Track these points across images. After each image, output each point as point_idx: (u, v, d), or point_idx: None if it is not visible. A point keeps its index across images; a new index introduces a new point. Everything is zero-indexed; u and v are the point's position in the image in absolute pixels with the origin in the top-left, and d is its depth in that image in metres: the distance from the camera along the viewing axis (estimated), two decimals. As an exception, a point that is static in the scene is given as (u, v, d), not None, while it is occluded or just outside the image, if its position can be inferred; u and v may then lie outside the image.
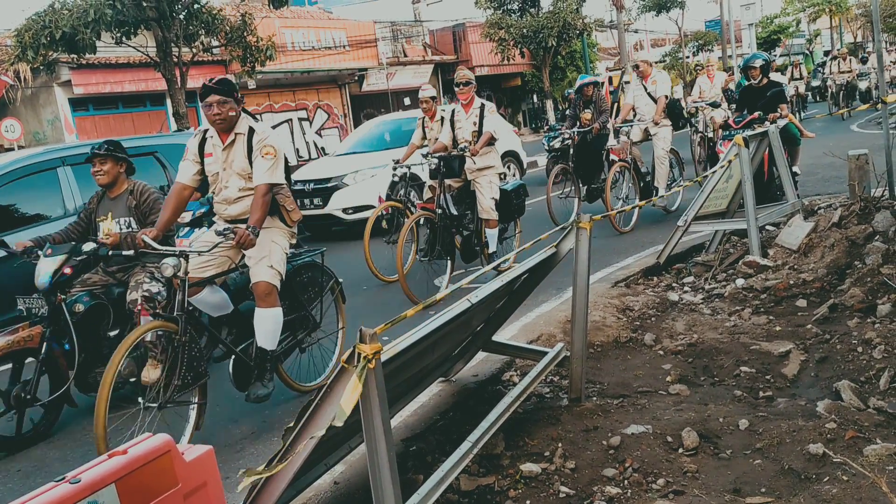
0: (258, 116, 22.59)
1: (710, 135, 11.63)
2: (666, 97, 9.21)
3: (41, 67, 15.93)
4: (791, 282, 5.71)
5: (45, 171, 6.82)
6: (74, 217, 5.39)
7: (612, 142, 9.56)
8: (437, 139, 7.63)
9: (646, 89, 9.39)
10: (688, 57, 36.47)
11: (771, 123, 7.27)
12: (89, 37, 13.53)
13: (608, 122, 9.50)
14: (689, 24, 37.83)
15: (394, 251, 7.89)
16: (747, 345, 4.71)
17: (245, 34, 15.85)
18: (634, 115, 9.65)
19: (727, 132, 8.33)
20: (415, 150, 8.35)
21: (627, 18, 32.60)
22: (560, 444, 3.57)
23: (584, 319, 3.97)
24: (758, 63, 8.13)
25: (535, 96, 34.98)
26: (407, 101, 28.69)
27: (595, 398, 4.12)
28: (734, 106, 13.17)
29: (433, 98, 8.41)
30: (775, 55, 34.72)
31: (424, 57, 30.29)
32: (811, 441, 3.27)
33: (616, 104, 16.01)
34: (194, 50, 16.13)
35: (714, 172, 6.66)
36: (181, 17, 15.07)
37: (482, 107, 7.17)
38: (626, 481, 3.22)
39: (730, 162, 6.64)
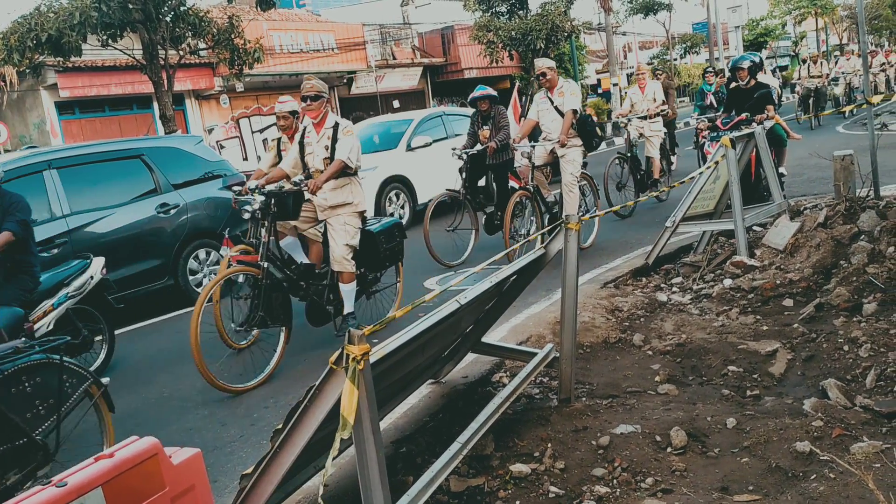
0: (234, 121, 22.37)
1: (637, 153, 10.51)
2: (575, 112, 7.66)
3: (27, 70, 15.84)
4: (778, 282, 5.74)
5: (32, 175, 6.78)
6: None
7: (521, 162, 8.26)
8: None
9: (552, 102, 7.84)
10: (675, 59, 36.62)
11: (758, 125, 7.31)
12: (75, 39, 13.45)
13: (510, 141, 8.04)
14: (676, 26, 38.02)
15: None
16: (735, 344, 4.73)
17: (232, 36, 15.78)
18: (539, 134, 8.31)
19: (714, 133, 8.37)
20: (282, 177, 5.89)
21: (615, 21, 32.71)
22: (549, 445, 3.57)
23: (574, 320, 3.98)
24: (745, 64, 8.17)
25: (523, 98, 35.00)
26: (396, 103, 28.70)
27: (584, 398, 4.12)
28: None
29: (293, 113, 6.55)
30: (761, 57, 34.82)
31: (413, 60, 30.30)
32: (798, 439, 3.28)
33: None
34: (181, 52, 16.05)
35: (701, 173, 6.69)
36: (168, 19, 15.00)
37: (335, 126, 5.71)
38: (615, 481, 3.23)
39: (717, 163, 6.67)
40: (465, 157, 8.10)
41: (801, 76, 21.03)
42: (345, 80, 27.43)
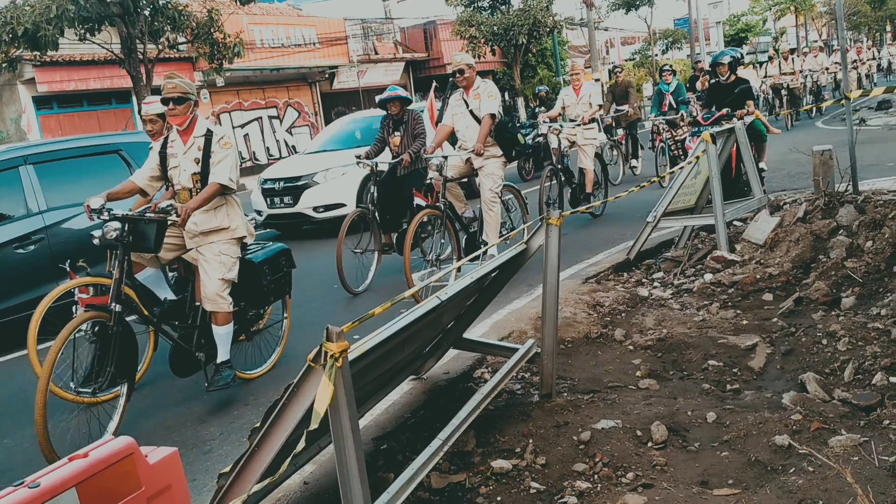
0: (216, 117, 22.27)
1: (569, 164, 9.56)
2: (493, 117, 6.62)
3: (3, 65, 15.63)
4: (757, 276, 5.77)
5: (7, 171, 6.69)
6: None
7: (434, 176, 6.86)
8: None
9: (467, 105, 6.86)
10: (657, 55, 36.78)
11: (738, 120, 7.34)
12: (52, 33, 13.30)
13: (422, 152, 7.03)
14: (658, 22, 38.16)
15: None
16: (715, 339, 4.75)
17: (212, 31, 15.68)
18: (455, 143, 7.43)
19: (696, 129, 8.40)
20: (131, 191, 4.95)
21: (597, 16, 32.78)
22: (531, 441, 3.57)
23: (555, 316, 3.98)
24: (725, 60, 8.21)
25: (506, 94, 35.04)
26: (378, 98, 28.56)
27: (566, 394, 4.13)
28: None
29: (163, 116, 5.59)
30: (742, 53, 34.98)
31: (395, 55, 30.22)
32: (777, 433, 3.30)
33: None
34: (160, 46, 15.92)
35: (682, 168, 6.72)
36: (146, 13, 14.88)
37: (208, 136, 4.64)
38: (596, 476, 3.23)
39: (697, 158, 6.70)
40: (374, 168, 7.14)
41: (770, 74, 20.31)
42: (326, 75, 27.33)
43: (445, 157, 6.64)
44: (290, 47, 25.23)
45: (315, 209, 10.60)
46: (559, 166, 9.05)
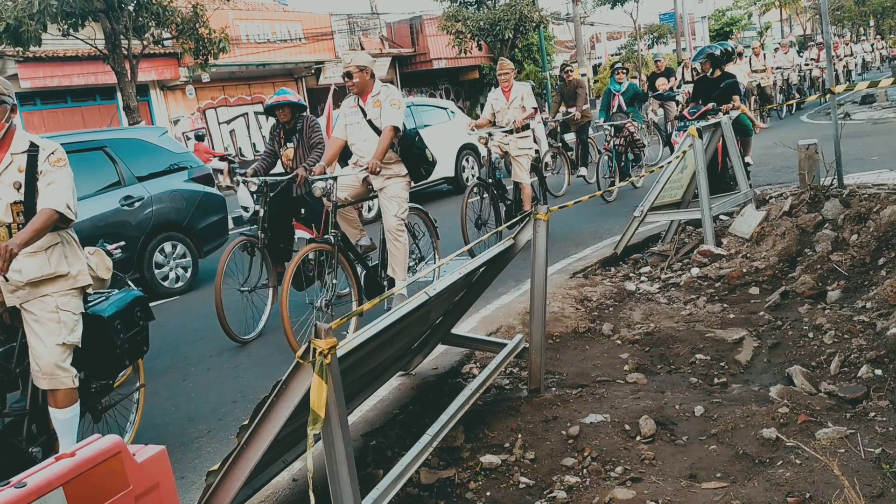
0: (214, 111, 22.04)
1: (502, 177, 8.32)
2: (396, 130, 5.45)
3: (-15, 61, 15.49)
4: (744, 270, 5.80)
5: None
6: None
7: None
8: None
9: (364, 114, 5.62)
10: (643, 50, 36.88)
11: (724, 115, 7.37)
12: (34, 29, 13.18)
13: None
14: (643, 17, 38.28)
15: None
16: (702, 332, 4.77)
17: (197, 26, 15.59)
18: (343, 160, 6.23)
19: (682, 123, 8.43)
20: None
21: (583, 11, 32.83)
22: (520, 435, 3.58)
23: (543, 310, 3.98)
24: (716, 52, 8.24)
25: (493, 89, 35.00)
26: (364, 94, 28.46)
27: (554, 389, 4.14)
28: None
29: None
30: (733, 47, 34.98)
31: (382, 50, 30.11)
32: (765, 426, 3.32)
33: None
34: (144, 42, 15.80)
35: (669, 163, 6.74)
36: (130, 8, 14.76)
37: (32, 152, 3.47)
38: (584, 470, 3.24)
39: (684, 153, 6.72)
40: (263, 187, 5.86)
41: (742, 72, 19.53)
42: (312, 71, 27.22)
43: (334, 178, 5.40)
44: (275, 43, 25.11)
45: (302, 205, 10.53)
46: (490, 180, 7.85)
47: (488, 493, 3.21)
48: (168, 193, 7.80)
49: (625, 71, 11.60)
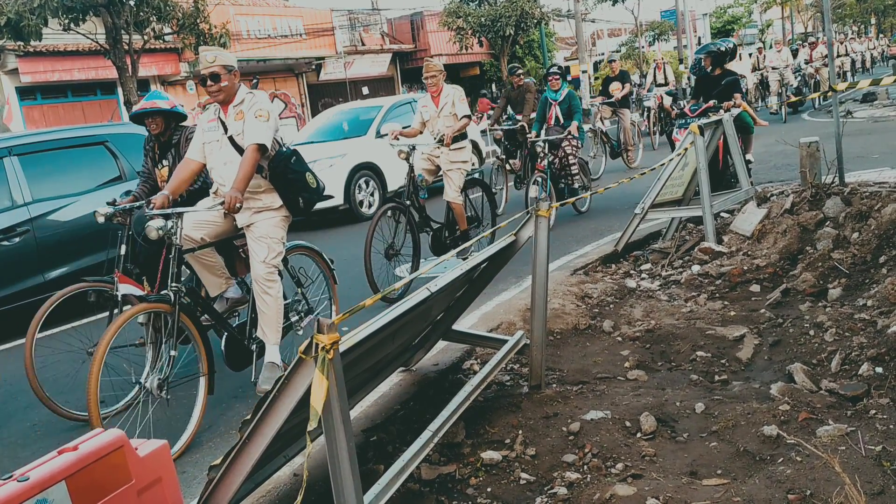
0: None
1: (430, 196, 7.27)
2: (261, 148, 4.20)
3: (-14, 55, 15.47)
4: (745, 267, 5.80)
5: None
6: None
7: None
8: None
9: (225, 129, 4.38)
10: (644, 47, 36.84)
11: (725, 112, 7.37)
12: (35, 23, 13.15)
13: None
14: (644, 13, 38.20)
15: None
16: (703, 330, 4.77)
17: (198, 21, 15.55)
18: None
19: (683, 120, 8.42)
20: None
21: (584, 8, 32.78)
22: (520, 432, 3.58)
23: (544, 307, 3.98)
24: (706, 51, 8.25)
25: (493, 85, 35.02)
26: (365, 90, 28.52)
27: (555, 385, 4.14)
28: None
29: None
30: (734, 44, 34.78)
31: (382, 46, 30.09)
32: (765, 423, 3.32)
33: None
34: (145, 37, 15.77)
35: (671, 160, 6.74)
36: (131, 2, 14.73)
37: None
38: (585, 466, 3.25)
39: (685, 150, 6.72)
40: (119, 217, 4.57)
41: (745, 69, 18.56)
42: (313, 67, 27.20)
43: (178, 215, 4.12)
44: (276, 38, 25.08)
45: (302, 201, 10.51)
46: (408, 202, 6.50)
47: (489, 489, 3.21)
48: (169, 188, 7.78)
49: (560, 76, 9.64)
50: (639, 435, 3.45)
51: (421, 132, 7.20)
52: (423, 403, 4.16)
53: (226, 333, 4.46)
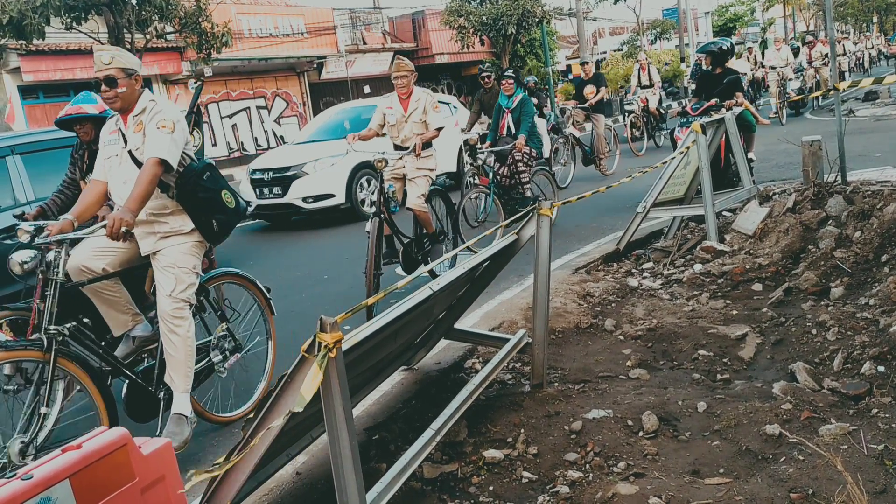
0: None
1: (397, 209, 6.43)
2: (162, 164, 3.62)
3: (-12, 54, 15.50)
4: (747, 266, 5.80)
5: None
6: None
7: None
8: None
9: (125, 142, 3.80)
10: (645, 45, 36.84)
11: (727, 111, 7.36)
12: (37, 22, 13.17)
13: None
14: (646, 12, 38.21)
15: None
16: (705, 329, 4.77)
17: (200, 20, 15.57)
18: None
19: (685, 119, 8.42)
20: None
21: (586, 6, 32.77)
22: (522, 430, 3.59)
23: (546, 306, 3.98)
24: (705, 51, 8.25)
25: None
26: (367, 89, 28.53)
27: (557, 384, 4.14)
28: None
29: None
30: (731, 43, 34.72)
31: (384, 45, 30.08)
32: (768, 422, 3.32)
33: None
34: (148, 36, 15.79)
35: (672, 159, 6.74)
36: (133, 1, 14.75)
37: None
38: (587, 465, 3.25)
39: (688, 149, 6.71)
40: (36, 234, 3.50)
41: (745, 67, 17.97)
42: (315, 66, 27.21)
43: (60, 243, 3.46)
44: (278, 37, 25.08)
45: (304, 199, 10.57)
46: (382, 216, 6.05)
47: (491, 488, 3.22)
48: (171, 187, 7.78)
49: (513, 79, 8.44)
50: (641, 434, 3.45)
51: (378, 135, 6.70)
52: (426, 402, 4.16)
53: (126, 381, 3.84)
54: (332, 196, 10.50)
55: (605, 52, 39.44)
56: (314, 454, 3.57)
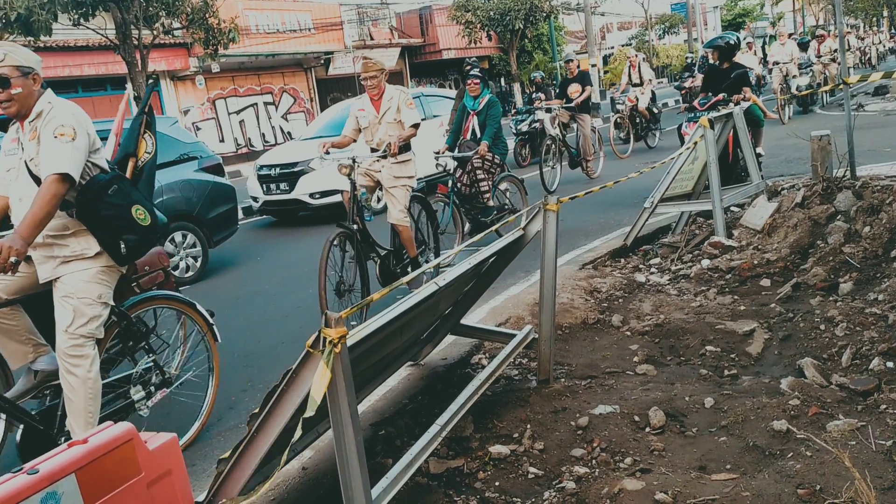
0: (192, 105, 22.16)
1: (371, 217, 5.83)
2: (63, 179, 3.15)
3: (-3, 50, 15.54)
4: (755, 262, 5.78)
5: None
6: None
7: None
8: None
9: (22, 149, 3.36)
10: (653, 40, 36.70)
11: (735, 105, 7.33)
12: (45, 18, 13.21)
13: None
14: (655, 6, 38.02)
15: None
16: (712, 324, 4.76)
17: (207, 16, 15.60)
18: None
19: (692, 114, 8.38)
20: None
21: (594, 1, 32.65)
22: (529, 426, 3.58)
23: (552, 301, 3.97)
24: (720, 43, 8.19)
25: (502, 80, 34.96)
26: (374, 84, 28.45)
27: (563, 379, 4.13)
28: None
29: None
30: (738, 37, 34.46)
31: (391, 40, 30.07)
32: (775, 418, 3.31)
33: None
34: (155, 32, 15.82)
35: (680, 154, 6.71)
36: (141, -2, 14.79)
37: None
38: (594, 461, 3.24)
39: (695, 144, 6.68)
40: None
41: (696, 75, 16.43)
42: (322, 61, 27.22)
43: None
44: (285, 33, 25.10)
45: (311, 195, 10.57)
46: (354, 226, 5.59)
47: (497, 483, 3.21)
48: (178, 183, 7.82)
49: (480, 78, 7.68)
50: (647, 429, 3.45)
51: (355, 140, 6.19)
52: (432, 397, 4.16)
53: (22, 424, 3.37)
54: (339, 192, 10.47)
55: (612, 47, 39.30)
56: (320, 449, 3.58)
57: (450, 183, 7.13)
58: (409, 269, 5.99)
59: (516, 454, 3.39)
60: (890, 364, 3.76)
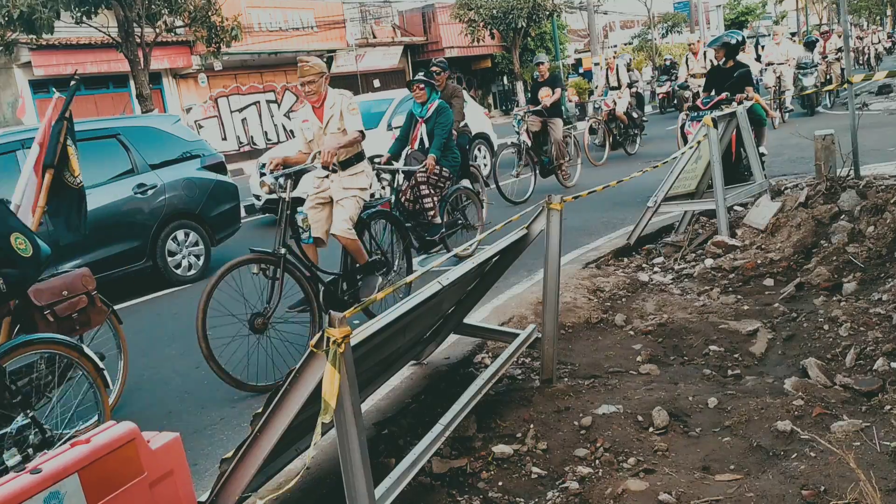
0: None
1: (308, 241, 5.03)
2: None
3: (-1, 48, 15.57)
4: (759, 261, 5.76)
5: (5, 155, 6.67)
6: None
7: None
8: None
9: None
10: (656, 39, 36.66)
11: (738, 104, 7.31)
12: (47, 16, 13.22)
13: None
14: (658, 5, 37.95)
15: None
16: (716, 324, 4.75)
17: (209, 14, 15.59)
18: None
19: (695, 113, 8.36)
20: None
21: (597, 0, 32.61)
22: (532, 426, 3.57)
23: (556, 301, 3.97)
24: (728, 40, 8.18)
25: (505, 78, 34.95)
26: (377, 83, 28.51)
27: (566, 379, 4.12)
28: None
29: None
30: (742, 36, 34.25)
31: (394, 38, 30.06)
32: (779, 418, 3.30)
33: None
34: (157, 30, 15.82)
35: (683, 153, 6.70)
36: (143, -5, 14.78)
37: None
38: (597, 461, 3.23)
39: (699, 143, 6.67)
40: None
41: (681, 76, 14.90)
42: (324, 59, 27.18)
43: None
44: (287, 31, 25.09)
45: (314, 194, 10.52)
46: (283, 251, 4.84)
47: (500, 483, 3.21)
48: (181, 181, 7.82)
49: (426, 83, 7.04)
50: (651, 429, 3.44)
51: (309, 153, 5.40)
52: (435, 397, 4.16)
53: None
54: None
55: (615, 46, 39.23)
56: (323, 448, 3.57)
57: (393, 199, 6.47)
58: (360, 296, 5.37)
59: (519, 454, 3.38)
60: (894, 364, 3.75)
